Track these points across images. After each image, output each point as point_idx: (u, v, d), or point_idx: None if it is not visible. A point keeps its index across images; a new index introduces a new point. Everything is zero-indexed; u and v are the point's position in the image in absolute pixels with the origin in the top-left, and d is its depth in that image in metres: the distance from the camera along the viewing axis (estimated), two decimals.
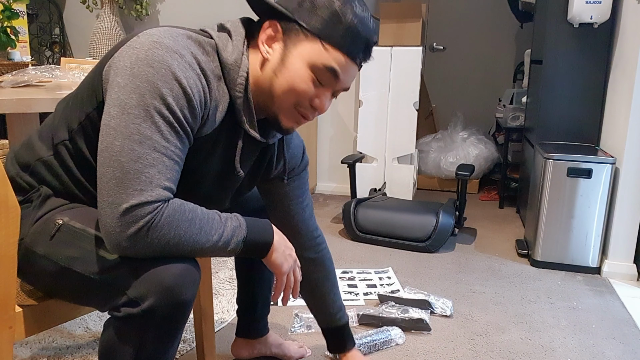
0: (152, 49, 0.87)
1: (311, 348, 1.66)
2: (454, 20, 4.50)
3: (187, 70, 0.88)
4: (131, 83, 0.85)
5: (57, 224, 0.95)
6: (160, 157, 0.86)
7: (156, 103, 0.85)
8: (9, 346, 0.96)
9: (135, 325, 0.87)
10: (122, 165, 0.84)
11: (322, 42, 0.94)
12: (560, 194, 2.29)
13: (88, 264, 0.90)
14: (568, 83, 2.54)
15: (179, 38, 0.90)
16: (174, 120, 0.87)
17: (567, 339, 1.75)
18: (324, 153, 3.62)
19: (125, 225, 0.83)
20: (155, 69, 0.85)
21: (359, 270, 2.29)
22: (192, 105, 0.89)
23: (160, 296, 0.85)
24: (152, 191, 0.84)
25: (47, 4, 3.95)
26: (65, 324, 1.76)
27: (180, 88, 0.87)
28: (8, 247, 0.92)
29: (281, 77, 0.96)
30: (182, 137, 0.89)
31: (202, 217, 0.91)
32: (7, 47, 2.06)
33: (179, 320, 0.90)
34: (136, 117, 0.85)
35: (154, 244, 0.86)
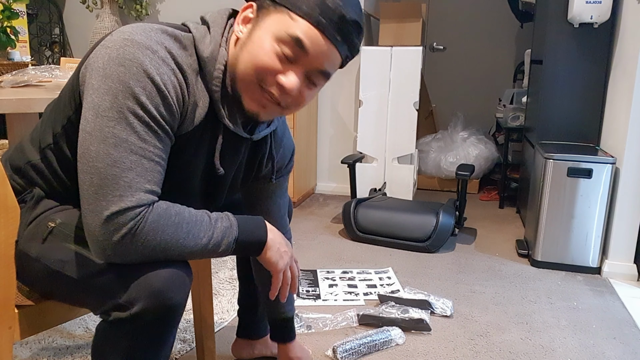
0: (123, 47, 0.83)
1: (311, 348, 1.65)
2: (454, 20, 4.50)
3: (160, 66, 0.84)
4: (104, 84, 0.83)
5: (49, 226, 0.94)
6: (139, 160, 0.83)
7: (129, 103, 0.82)
8: (9, 346, 0.96)
9: (124, 329, 0.86)
10: (99, 171, 0.81)
11: (290, 11, 0.88)
12: (560, 194, 2.28)
13: (78, 267, 0.89)
14: (568, 83, 2.54)
15: (152, 33, 0.87)
16: (149, 120, 0.84)
17: (567, 339, 1.75)
18: (324, 153, 3.62)
19: (109, 233, 0.81)
20: (127, 68, 0.82)
21: (359, 270, 2.29)
22: (167, 102, 0.85)
23: (150, 300, 0.84)
24: (133, 196, 0.82)
25: (47, 4, 3.95)
26: (65, 324, 1.76)
27: (154, 85, 0.83)
28: (7, 247, 0.92)
29: (245, 52, 0.91)
30: (160, 136, 0.86)
31: (189, 219, 0.88)
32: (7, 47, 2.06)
33: (169, 324, 0.89)
34: (110, 120, 0.82)
35: (140, 250, 0.84)
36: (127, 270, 0.85)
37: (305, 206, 3.31)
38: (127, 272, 0.85)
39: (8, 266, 0.93)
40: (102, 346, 0.90)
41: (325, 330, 1.78)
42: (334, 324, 1.81)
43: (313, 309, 1.93)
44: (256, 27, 0.90)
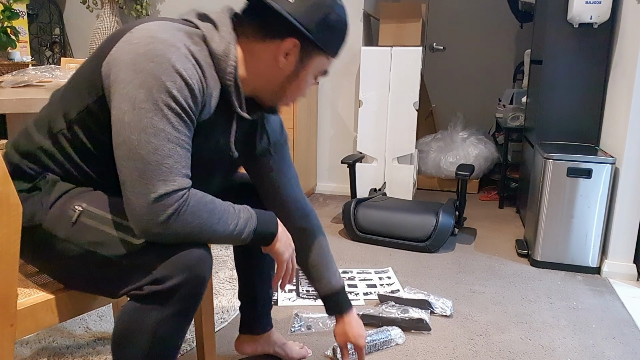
0: (150, 44, 0.92)
1: (311, 348, 1.66)
2: (454, 20, 4.51)
3: (185, 62, 0.93)
4: (136, 78, 0.91)
5: (77, 210, 1.00)
6: (174, 148, 0.93)
7: (163, 96, 0.91)
8: (10, 344, 0.97)
9: (157, 301, 0.94)
10: (143, 158, 0.90)
11: (328, 55, 1.08)
12: (560, 194, 2.29)
13: (113, 248, 0.96)
14: (568, 83, 2.54)
15: (172, 31, 0.96)
16: (180, 111, 0.93)
17: (567, 339, 1.76)
18: (324, 153, 3.63)
19: (156, 213, 0.90)
20: (157, 63, 0.91)
21: (359, 270, 2.29)
22: (194, 95, 0.95)
23: (185, 276, 0.94)
24: (175, 180, 0.92)
25: (47, 4, 3.96)
26: (65, 324, 1.76)
27: (182, 79, 0.92)
28: (9, 244, 0.92)
29: (294, 85, 1.09)
30: (189, 126, 0.96)
31: (220, 207, 0.99)
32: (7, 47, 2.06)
33: (196, 300, 0.98)
34: (147, 111, 0.90)
35: (179, 230, 0.93)
36: (162, 248, 0.94)
37: None
38: (163, 251, 0.94)
39: (10, 263, 0.93)
40: (131, 320, 0.96)
41: (325, 330, 1.78)
42: (334, 323, 1.81)
43: (313, 309, 1.93)
44: (301, 68, 1.07)
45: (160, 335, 0.96)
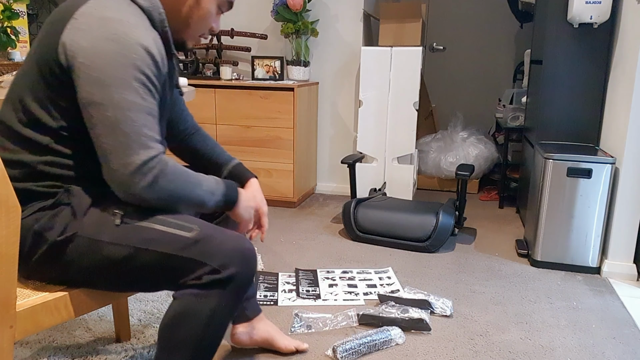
0: (103, 25, 0.96)
1: (311, 348, 1.66)
2: (454, 20, 4.50)
3: (139, 31, 0.99)
4: (99, 60, 0.95)
5: (119, 213, 1.03)
6: (147, 117, 0.99)
7: (129, 70, 0.96)
8: (10, 345, 0.97)
9: (217, 288, 1.02)
10: (121, 130, 0.96)
11: None
12: (560, 194, 2.29)
13: (167, 243, 1.01)
14: (568, 83, 2.54)
15: (111, 5, 0.99)
16: (147, 81, 0.99)
17: (567, 339, 1.76)
18: (324, 153, 3.63)
19: (141, 176, 0.97)
20: (116, 42, 0.96)
21: (359, 270, 2.29)
22: (155, 61, 1.01)
23: (241, 266, 1.03)
24: (153, 146, 0.98)
25: (47, 4, 3.96)
26: (65, 324, 1.76)
27: (144, 50, 0.98)
28: (9, 246, 0.92)
29: (196, 15, 1.13)
30: (154, 93, 1.02)
31: (193, 175, 1.07)
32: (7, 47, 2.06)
33: (246, 289, 1.06)
34: (117, 87, 0.95)
35: (166, 190, 1.00)
36: (217, 240, 1.03)
37: (305, 206, 3.31)
38: (217, 242, 1.03)
39: (9, 265, 0.93)
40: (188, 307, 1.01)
41: (325, 330, 1.78)
42: (334, 323, 1.81)
43: (313, 308, 1.93)
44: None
45: (215, 322, 1.03)
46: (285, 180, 3.19)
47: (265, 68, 3.34)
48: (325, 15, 3.40)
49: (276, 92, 3.10)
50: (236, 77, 3.39)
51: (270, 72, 3.33)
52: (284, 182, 3.20)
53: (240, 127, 3.21)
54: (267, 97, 3.12)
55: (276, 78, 3.33)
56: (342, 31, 3.40)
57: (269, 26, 3.49)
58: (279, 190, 3.21)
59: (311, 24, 3.30)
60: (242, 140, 3.22)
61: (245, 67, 3.61)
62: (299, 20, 3.23)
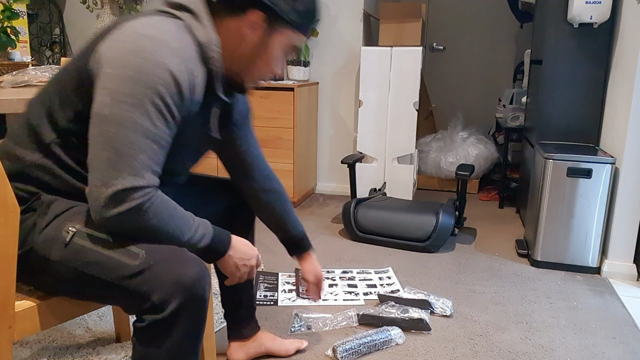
0: (138, 41, 0.92)
1: (311, 348, 1.66)
2: (454, 20, 4.50)
3: (174, 57, 0.93)
4: (122, 73, 0.91)
5: (71, 231, 0.97)
6: (150, 144, 0.93)
7: (147, 92, 0.91)
8: (9, 346, 0.97)
9: (162, 329, 0.93)
10: (117, 150, 0.90)
11: (294, 30, 1.08)
12: (560, 194, 2.29)
13: (107, 269, 0.94)
14: (568, 83, 2.54)
15: (159, 26, 0.95)
16: (164, 108, 0.93)
17: (567, 339, 1.75)
18: (324, 153, 3.62)
19: (117, 203, 0.91)
20: (145, 60, 0.91)
21: (359, 270, 2.29)
22: (180, 92, 0.95)
23: (184, 298, 0.92)
24: (144, 176, 0.92)
25: (47, 4, 3.96)
26: (65, 324, 1.76)
27: (170, 76, 0.93)
28: (8, 246, 0.92)
29: (261, 58, 1.08)
30: (169, 123, 0.96)
31: (181, 215, 1.00)
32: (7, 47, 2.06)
33: (201, 319, 0.98)
34: (128, 105, 0.90)
35: (136, 225, 0.94)
36: (157, 270, 0.93)
37: (305, 206, 3.31)
38: (157, 272, 0.93)
39: (8, 265, 0.93)
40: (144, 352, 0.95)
41: (325, 330, 1.78)
42: (334, 323, 1.81)
43: (313, 308, 1.93)
44: (268, 40, 1.07)
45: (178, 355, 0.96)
46: (285, 180, 3.19)
47: None
48: (325, 15, 3.40)
49: (276, 92, 3.10)
50: None
51: None
52: (284, 182, 3.18)
53: None
54: (267, 97, 3.12)
55: (276, 78, 3.33)
56: (342, 31, 3.40)
57: None
58: None
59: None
60: None
61: None
62: None
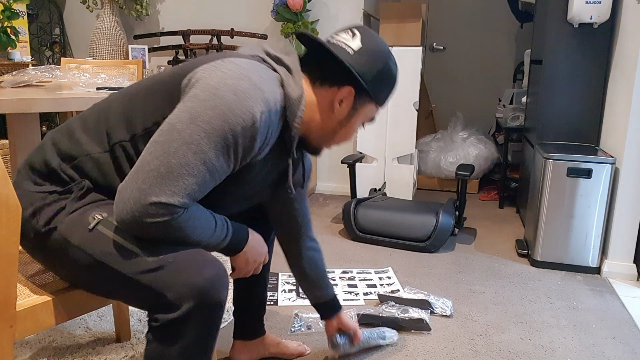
0: (239, 78, 0.95)
1: (311, 348, 1.66)
2: (454, 20, 4.50)
3: (263, 107, 0.95)
4: (211, 100, 0.93)
5: (97, 217, 0.98)
6: (204, 173, 0.93)
7: (226, 127, 0.92)
8: (10, 345, 0.97)
9: (175, 330, 0.93)
10: (170, 164, 0.90)
11: (377, 104, 1.16)
12: (560, 194, 2.29)
13: (125, 262, 0.95)
14: (568, 83, 2.54)
15: (260, 72, 0.99)
16: (232, 148, 0.94)
17: (567, 339, 1.76)
18: (324, 153, 3.62)
19: (145, 214, 0.90)
20: (238, 97, 0.93)
21: (359, 270, 2.29)
22: (254, 140, 0.97)
23: (199, 300, 0.92)
24: (182, 198, 0.92)
25: (47, 4, 3.96)
26: (65, 324, 1.76)
27: (252, 122, 0.94)
28: (9, 245, 0.92)
29: (344, 130, 1.16)
30: (230, 163, 0.97)
31: (202, 225, 0.99)
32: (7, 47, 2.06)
33: (215, 321, 0.97)
34: (202, 131, 0.91)
35: (158, 234, 0.94)
36: (173, 269, 0.93)
37: None
38: (174, 270, 0.93)
39: (9, 264, 0.93)
40: (156, 351, 0.95)
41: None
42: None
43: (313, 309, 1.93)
44: (354, 114, 1.14)
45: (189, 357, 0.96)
46: None
47: None
48: (325, 15, 3.40)
49: None
50: None
51: None
52: None
53: None
54: None
55: None
56: None
57: (269, 26, 3.49)
58: None
59: (311, 24, 3.30)
60: None
61: None
62: (299, 20, 3.23)
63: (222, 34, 3.43)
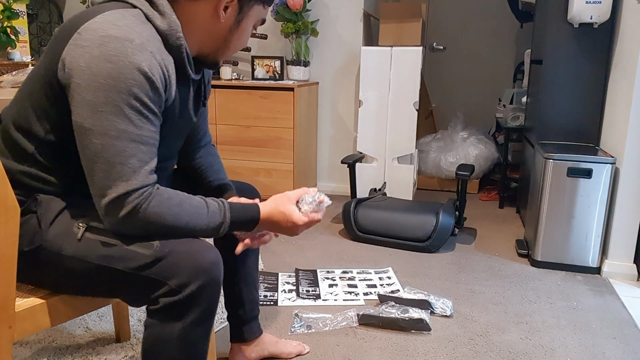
0: (103, 44, 0.91)
1: (311, 348, 1.66)
2: (454, 20, 4.50)
3: (142, 54, 0.93)
4: (94, 82, 0.91)
5: (81, 226, 1.00)
6: (137, 146, 0.94)
7: (124, 96, 0.91)
8: (9, 346, 0.97)
9: (177, 311, 0.96)
10: (107, 160, 0.92)
11: (263, 5, 1.11)
12: (560, 194, 2.29)
13: (125, 261, 0.96)
14: (568, 83, 2.54)
15: (119, 21, 0.94)
16: (142, 108, 0.94)
17: (567, 339, 1.75)
18: (324, 153, 3.62)
19: (116, 210, 0.93)
20: (114, 63, 0.90)
21: (359, 270, 2.29)
22: (155, 87, 0.95)
23: (202, 281, 0.95)
24: (136, 179, 0.93)
25: (47, 4, 3.95)
26: (65, 324, 1.76)
27: (142, 74, 0.92)
28: (8, 246, 0.92)
29: (236, 36, 1.11)
30: (152, 120, 0.97)
31: (189, 202, 1.01)
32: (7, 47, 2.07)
33: (215, 302, 1.01)
34: (108, 114, 0.91)
35: (144, 226, 0.96)
36: (174, 256, 0.96)
37: None
38: (174, 258, 0.96)
39: (8, 265, 0.93)
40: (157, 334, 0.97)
41: (325, 330, 1.78)
42: (334, 323, 1.81)
43: (313, 309, 1.93)
44: (242, 18, 1.10)
45: (189, 341, 0.98)
46: (285, 180, 3.19)
47: (265, 68, 3.34)
48: (325, 15, 3.40)
49: (276, 92, 3.10)
50: (236, 77, 3.39)
51: (270, 72, 3.33)
52: (284, 182, 3.20)
53: (240, 127, 3.21)
54: (267, 97, 3.12)
55: (276, 78, 3.33)
56: (342, 31, 3.40)
57: (269, 26, 3.49)
58: (279, 190, 3.20)
59: (311, 24, 3.30)
60: (242, 140, 3.22)
61: (245, 67, 3.61)
62: (299, 20, 3.23)
63: None
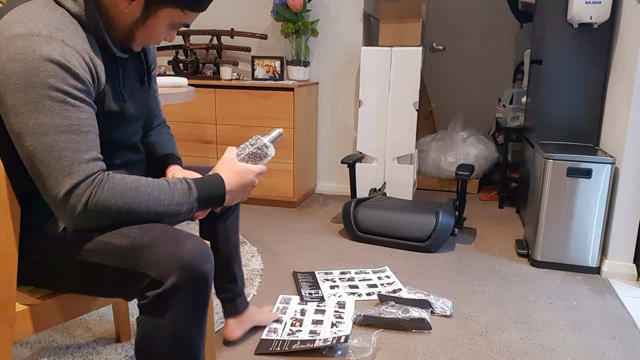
0: (10, 45, 0.88)
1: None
2: (454, 20, 4.50)
3: (50, 44, 0.89)
4: (9, 85, 0.88)
5: (60, 226, 0.99)
6: (70, 137, 0.91)
7: (40, 90, 0.88)
8: (9, 345, 0.97)
9: (164, 303, 0.94)
10: (42, 161, 0.89)
11: (183, 9, 1.03)
12: (560, 194, 2.29)
13: (104, 254, 0.95)
14: (568, 83, 2.54)
15: (24, 17, 0.91)
16: (66, 97, 0.90)
17: (567, 339, 1.76)
18: (324, 153, 3.62)
19: (71, 208, 0.91)
20: (23, 61, 0.88)
21: (357, 270, 2.29)
22: (73, 73, 0.92)
23: (183, 271, 0.93)
24: (78, 171, 0.91)
25: None
26: (65, 324, 1.76)
27: (55, 64, 0.89)
28: (8, 246, 0.92)
29: (143, 32, 1.05)
30: (80, 107, 0.93)
31: (147, 185, 0.98)
32: None
33: (203, 293, 0.97)
34: (30, 113, 0.88)
35: (105, 214, 0.94)
36: (152, 247, 0.94)
37: (305, 206, 3.31)
38: (153, 249, 0.94)
39: (9, 265, 0.93)
40: (147, 328, 0.96)
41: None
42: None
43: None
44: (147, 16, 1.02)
45: (179, 334, 0.97)
46: (285, 180, 3.19)
47: (265, 68, 3.34)
48: (325, 15, 3.40)
49: (276, 92, 3.10)
50: (236, 77, 3.39)
51: (270, 72, 3.33)
52: (284, 182, 3.20)
53: (240, 127, 3.21)
54: (267, 97, 3.12)
55: (276, 78, 3.33)
56: (342, 31, 3.40)
57: (269, 26, 3.49)
58: (279, 190, 3.21)
59: (311, 24, 3.30)
60: (242, 140, 3.22)
61: (245, 67, 3.61)
62: (299, 20, 3.23)
63: (222, 34, 3.43)
